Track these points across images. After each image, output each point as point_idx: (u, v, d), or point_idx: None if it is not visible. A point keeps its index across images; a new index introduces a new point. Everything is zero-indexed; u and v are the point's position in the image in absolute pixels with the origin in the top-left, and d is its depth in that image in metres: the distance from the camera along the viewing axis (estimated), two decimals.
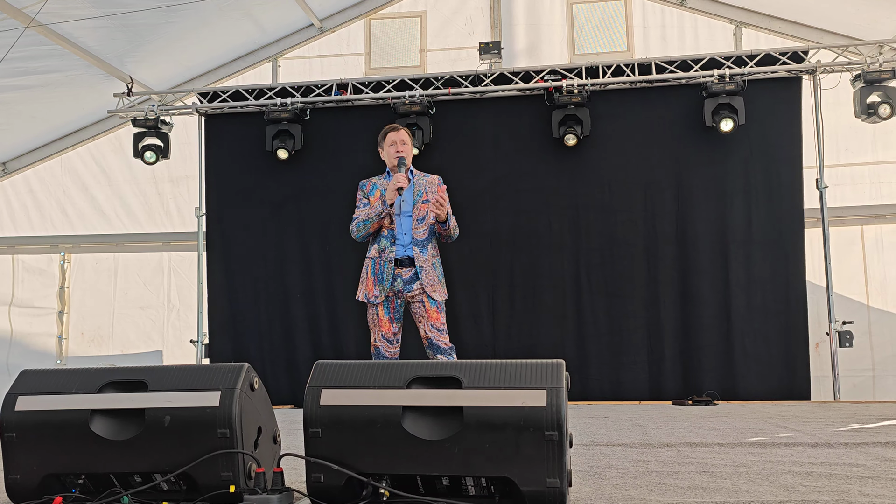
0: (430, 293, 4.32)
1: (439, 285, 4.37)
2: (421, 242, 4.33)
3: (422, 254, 4.31)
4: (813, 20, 7.55)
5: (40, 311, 8.68)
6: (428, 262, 4.35)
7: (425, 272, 4.31)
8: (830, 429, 4.15)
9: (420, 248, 4.32)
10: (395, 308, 4.32)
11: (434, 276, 4.36)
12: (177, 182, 8.53)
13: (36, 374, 2.43)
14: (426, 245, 4.35)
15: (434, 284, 4.35)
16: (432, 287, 4.33)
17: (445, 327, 4.40)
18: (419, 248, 4.31)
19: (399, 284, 4.28)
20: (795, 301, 6.73)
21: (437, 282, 4.36)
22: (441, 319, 4.36)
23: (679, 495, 2.37)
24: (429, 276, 4.33)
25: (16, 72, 7.00)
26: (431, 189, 4.40)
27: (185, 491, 2.27)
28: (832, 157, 7.28)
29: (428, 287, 4.31)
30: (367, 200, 4.44)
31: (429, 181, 4.47)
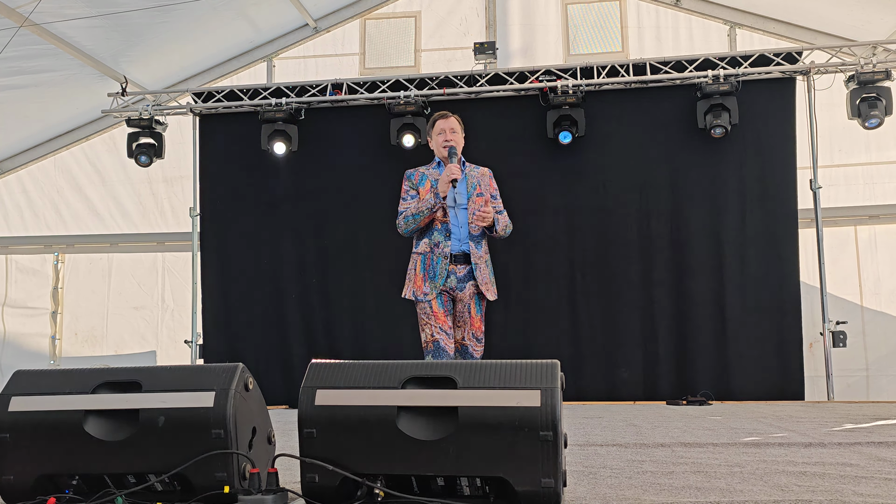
0: (484, 292, 4.20)
1: (492, 284, 4.25)
2: (476, 238, 4.19)
3: (477, 250, 4.17)
4: (807, 21, 7.58)
5: (34, 311, 8.66)
6: (482, 259, 4.22)
7: (480, 270, 4.17)
8: (824, 429, 4.17)
9: (476, 243, 4.17)
10: (447, 302, 4.17)
11: (487, 273, 4.23)
12: (171, 182, 8.52)
13: (29, 374, 2.42)
14: (481, 241, 4.21)
15: (487, 283, 4.22)
16: (486, 286, 4.20)
17: (483, 337, 4.27)
18: (475, 244, 4.17)
19: (452, 282, 4.14)
20: (789, 301, 6.75)
21: (489, 280, 4.23)
22: (482, 329, 4.25)
23: (674, 495, 2.37)
24: (483, 273, 4.20)
25: (9, 71, 6.98)
26: (484, 182, 4.27)
27: (179, 492, 2.26)
28: (826, 158, 7.31)
29: (482, 285, 4.18)
30: (416, 192, 4.23)
31: (480, 173, 4.31)
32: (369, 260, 7.36)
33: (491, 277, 4.24)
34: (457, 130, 4.27)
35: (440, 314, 4.10)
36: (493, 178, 4.29)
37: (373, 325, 7.32)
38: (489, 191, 4.22)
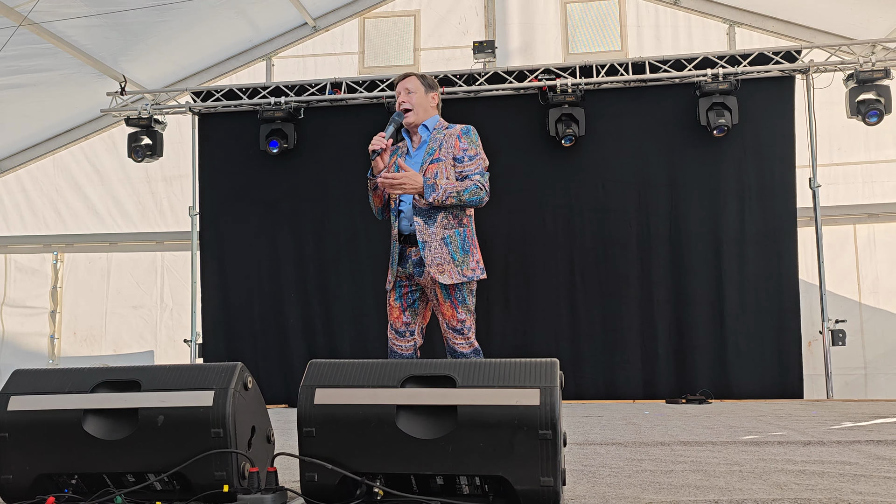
0: (435, 274, 3.49)
1: (450, 265, 3.52)
2: (426, 212, 3.53)
3: (427, 226, 3.53)
4: (806, 19, 7.58)
5: (33, 310, 8.65)
6: (435, 237, 3.53)
7: (430, 249, 3.50)
8: (823, 427, 4.17)
9: (425, 218, 3.53)
10: (406, 293, 3.61)
11: (443, 252, 3.52)
12: (170, 181, 8.52)
13: (28, 373, 2.42)
14: (435, 214, 3.54)
15: (442, 264, 3.51)
16: (438, 267, 3.49)
17: (467, 324, 3.56)
18: (423, 219, 3.53)
19: (409, 266, 3.58)
20: (788, 300, 6.75)
21: (446, 260, 3.52)
22: (457, 315, 3.54)
23: (673, 494, 2.37)
24: (434, 252, 3.51)
25: (8, 70, 6.97)
26: (448, 143, 3.62)
27: (178, 491, 2.26)
28: (825, 157, 7.31)
29: (432, 267, 3.48)
30: None
31: (447, 134, 3.65)
32: (369, 259, 7.35)
33: (455, 257, 3.53)
34: (414, 90, 3.69)
35: (395, 308, 3.61)
36: (467, 135, 3.64)
37: (372, 324, 7.32)
38: (452, 153, 3.58)
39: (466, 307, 3.57)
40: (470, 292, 3.62)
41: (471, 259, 3.60)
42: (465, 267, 3.56)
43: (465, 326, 3.57)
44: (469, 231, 3.64)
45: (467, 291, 3.60)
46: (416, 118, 3.67)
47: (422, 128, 3.69)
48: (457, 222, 3.60)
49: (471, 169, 3.60)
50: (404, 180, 3.46)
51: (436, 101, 3.78)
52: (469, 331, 3.58)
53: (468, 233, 3.63)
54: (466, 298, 3.57)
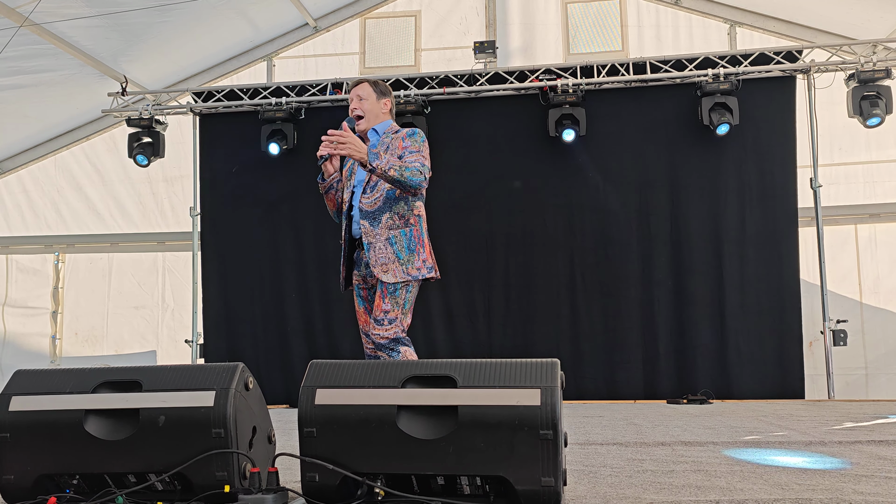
0: (378, 274, 3.47)
1: (395, 264, 3.49)
2: (371, 214, 3.54)
3: (372, 227, 3.52)
4: (807, 19, 7.58)
5: (34, 311, 8.66)
6: (380, 237, 3.51)
7: (374, 250, 3.49)
8: (824, 427, 4.17)
9: (370, 220, 3.53)
10: (367, 297, 3.63)
11: (388, 252, 3.50)
12: (171, 182, 8.52)
13: (30, 374, 2.42)
14: (379, 216, 3.53)
15: (386, 263, 3.49)
16: (383, 267, 3.47)
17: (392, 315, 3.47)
18: (368, 221, 3.53)
19: (363, 268, 3.58)
20: (789, 300, 6.75)
21: (391, 259, 3.49)
22: (383, 307, 3.48)
23: (674, 494, 2.37)
24: (379, 253, 3.50)
25: (9, 71, 6.98)
26: (394, 145, 3.57)
27: (179, 491, 2.26)
28: (826, 157, 7.30)
29: (376, 267, 3.47)
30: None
31: (395, 136, 3.61)
32: None
33: (400, 256, 3.50)
34: (366, 97, 3.65)
35: (361, 312, 3.64)
36: (412, 136, 3.59)
37: None
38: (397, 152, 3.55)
39: (395, 300, 3.46)
40: (406, 289, 3.50)
41: (416, 258, 3.52)
42: (410, 266, 3.50)
43: (387, 316, 3.46)
44: (417, 231, 3.56)
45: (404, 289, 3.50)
46: (367, 124, 3.64)
47: (371, 132, 3.67)
48: (403, 222, 3.54)
49: (412, 159, 3.50)
50: (350, 141, 3.43)
51: (388, 107, 3.72)
52: (390, 323, 3.46)
53: (415, 232, 3.55)
54: (398, 291, 3.48)
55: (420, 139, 3.58)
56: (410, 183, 3.42)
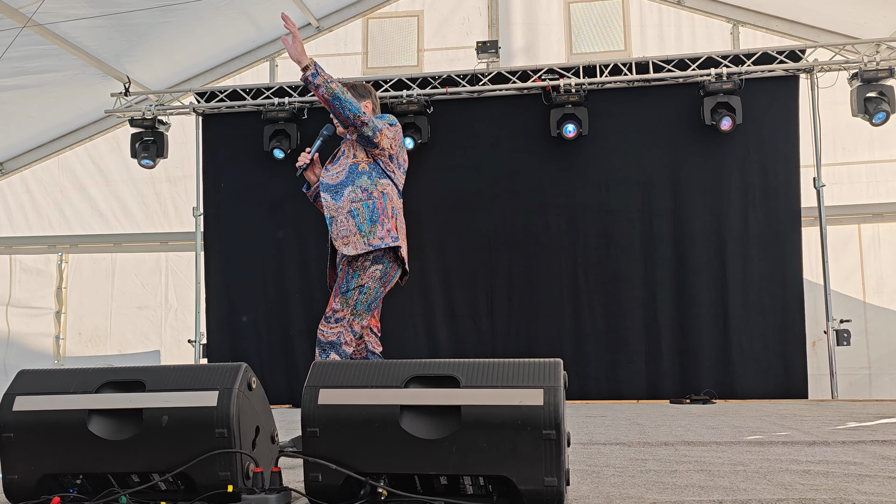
0: (339, 246, 3.39)
1: (356, 236, 3.37)
2: (333, 187, 3.47)
3: (334, 201, 3.45)
4: (810, 19, 7.56)
5: (38, 311, 8.67)
6: (342, 210, 3.42)
7: (336, 223, 3.42)
8: (828, 427, 4.16)
9: (332, 193, 3.47)
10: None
11: (350, 225, 3.39)
12: (174, 182, 8.53)
13: (33, 374, 2.43)
14: (342, 189, 3.45)
15: (347, 236, 3.38)
16: (344, 239, 3.38)
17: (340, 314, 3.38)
18: (330, 195, 3.47)
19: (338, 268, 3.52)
20: (792, 299, 6.74)
21: (352, 232, 3.37)
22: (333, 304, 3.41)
23: (677, 494, 2.37)
24: (340, 226, 3.41)
25: (13, 71, 6.99)
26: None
27: (183, 491, 2.27)
28: (829, 156, 7.29)
29: (338, 240, 3.40)
30: None
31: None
32: None
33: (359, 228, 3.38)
34: None
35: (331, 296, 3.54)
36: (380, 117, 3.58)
37: None
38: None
39: (345, 299, 3.37)
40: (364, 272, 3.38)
41: (379, 228, 3.38)
42: (373, 236, 3.36)
43: (333, 316, 3.39)
44: (381, 203, 3.43)
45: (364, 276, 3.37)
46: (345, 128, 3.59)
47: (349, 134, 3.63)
48: (366, 195, 3.43)
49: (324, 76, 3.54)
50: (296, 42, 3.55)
51: (368, 109, 3.68)
52: (336, 322, 3.38)
53: (378, 205, 3.42)
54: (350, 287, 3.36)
55: (385, 118, 3.56)
56: (345, 109, 3.37)
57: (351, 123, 3.41)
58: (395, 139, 3.55)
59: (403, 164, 3.63)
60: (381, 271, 3.44)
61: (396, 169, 3.57)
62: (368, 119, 3.42)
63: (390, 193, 3.53)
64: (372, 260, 3.41)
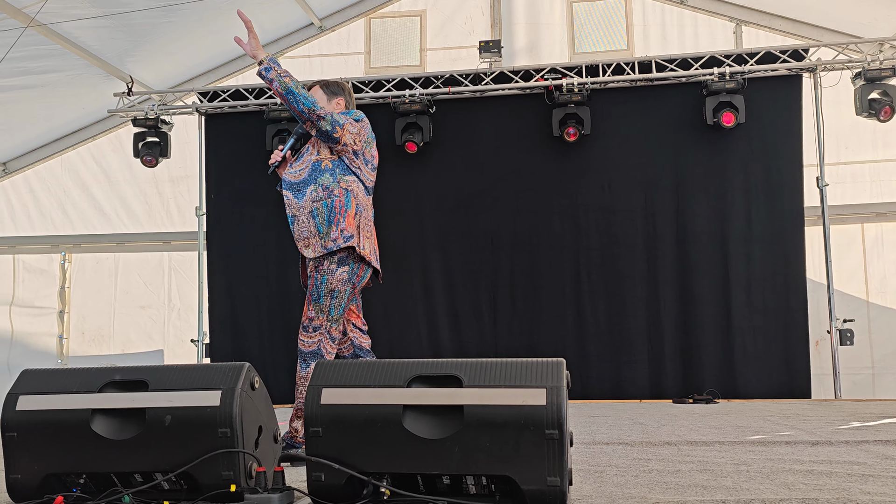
0: (302, 249, 3.35)
1: (315, 238, 3.31)
2: (296, 185, 3.41)
3: (296, 199, 3.40)
4: (813, 18, 7.55)
5: (41, 310, 8.68)
6: (304, 210, 3.36)
7: (298, 222, 3.38)
8: (831, 427, 4.16)
9: (294, 191, 3.41)
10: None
11: (310, 226, 3.34)
12: (177, 182, 8.53)
13: (37, 373, 2.43)
14: (304, 188, 3.39)
15: (308, 237, 3.34)
16: (305, 241, 3.34)
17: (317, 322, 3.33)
18: (293, 193, 3.41)
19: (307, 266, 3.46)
20: (796, 299, 6.73)
21: (312, 234, 3.33)
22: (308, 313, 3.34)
23: (680, 493, 2.37)
24: (302, 227, 3.36)
25: (16, 71, 6.99)
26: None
27: (186, 490, 2.27)
28: (832, 155, 7.28)
29: (299, 241, 3.36)
30: None
31: None
32: None
33: (318, 229, 3.32)
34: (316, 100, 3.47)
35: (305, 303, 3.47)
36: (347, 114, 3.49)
37: (378, 324, 7.32)
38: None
39: (319, 307, 3.32)
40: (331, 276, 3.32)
41: (334, 229, 3.31)
42: (328, 238, 3.30)
43: (311, 325, 3.34)
44: (340, 201, 3.35)
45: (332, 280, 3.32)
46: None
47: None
48: (326, 194, 3.36)
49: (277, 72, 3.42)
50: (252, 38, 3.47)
51: (341, 106, 3.63)
52: (314, 330, 3.35)
53: (337, 203, 3.34)
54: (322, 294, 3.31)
55: (351, 113, 3.50)
56: (302, 101, 3.28)
57: (307, 118, 3.32)
58: (359, 134, 3.45)
59: (372, 160, 3.55)
60: (349, 273, 3.38)
61: (363, 165, 3.48)
62: (325, 113, 3.33)
63: (355, 190, 3.44)
64: (337, 262, 3.35)
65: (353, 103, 3.71)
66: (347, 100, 3.67)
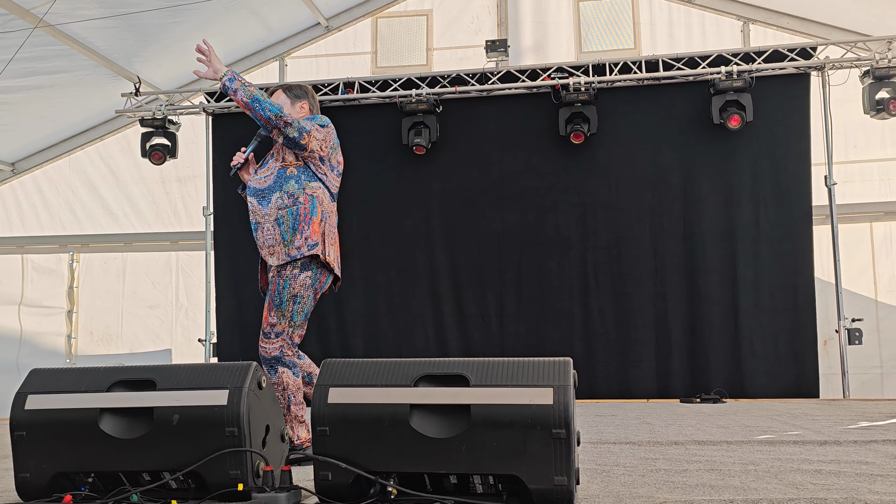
0: (266, 257, 3.31)
1: (280, 245, 3.28)
2: (261, 192, 3.38)
3: (261, 206, 3.37)
4: (821, 16, 7.52)
5: (50, 310, 8.72)
6: (269, 218, 3.33)
7: (262, 230, 3.34)
8: (839, 426, 4.14)
9: (259, 198, 3.38)
10: None
11: (276, 234, 3.31)
12: (184, 181, 8.56)
13: (45, 373, 2.44)
14: (269, 195, 3.35)
15: (273, 245, 3.30)
16: (270, 249, 3.30)
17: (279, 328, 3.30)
18: (257, 199, 3.38)
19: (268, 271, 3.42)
20: (803, 298, 6.71)
21: (277, 241, 3.29)
22: (269, 319, 3.29)
23: (687, 493, 2.36)
24: (266, 234, 3.33)
25: (24, 72, 7.02)
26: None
27: (193, 489, 2.27)
28: (841, 154, 7.25)
29: (264, 249, 3.32)
30: None
31: None
32: (381, 258, 7.37)
33: (283, 237, 3.29)
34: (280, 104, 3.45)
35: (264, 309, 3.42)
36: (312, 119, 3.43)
37: (385, 324, 7.33)
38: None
39: (281, 312, 3.29)
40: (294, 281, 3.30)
41: (298, 237, 3.30)
42: (291, 246, 3.28)
43: (273, 331, 3.31)
44: (304, 209, 3.33)
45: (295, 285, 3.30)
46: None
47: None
48: (291, 201, 3.33)
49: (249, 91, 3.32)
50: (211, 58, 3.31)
51: (305, 109, 3.59)
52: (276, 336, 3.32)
53: (302, 210, 3.32)
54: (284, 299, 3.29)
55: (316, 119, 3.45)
56: (268, 107, 3.23)
57: (273, 125, 3.28)
58: (325, 140, 3.42)
59: (338, 166, 3.53)
60: (312, 278, 3.36)
61: (329, 171, 3.46)
62: (292, 119, 3.29)
63: (321, 196, 3.42)
64: (300, 267, 3.33)
65: (318, 107, 3.68)
66: (311, 103, 3.63)
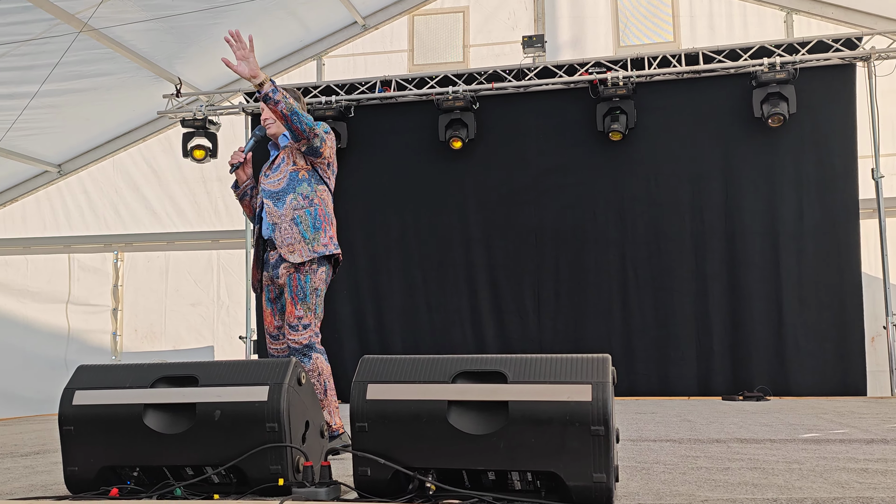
0: (285, 255, 3.39)
1: (301, 244, 3.40)
2: (275, 194, 3.46)
3: (276, 207, 3.44)
4: (867, 5, 7.34)
5: (96, 308, 8.91)
6: (285, 218, 3.43)
7: (280, 230, 3.41)
8: (887, 425, 4.05)
9: (274, 200, 3.46)
10: (274, 298, 3.57)
11: (294, 232, 3.41)
12: (225, 181, 8.65)
13: (92, 369, 2.50)
14: (284, 196, 3.45)
15: (293, 244, 3.40)
16: (289, 247, 3.39)
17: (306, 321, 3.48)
18: (273, 201, 3.45)
19: (270, 269, 3.51)
20: (850, 294, 6.57)
21: (297, 240, 3.40)
22: (296, 313, 3.43)
23: (729, 491, 2.33)
24: (285, 233, 3.41)
25: (70, 76, 7.19)
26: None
27: (235, 484, 2.31)
28: (888, 146, 7.07)
29: (283, 248, 3.39)
30: None
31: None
32: (419, 256, 7.40)
33: (303, 235, 3.41)
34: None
35: (268, 313, 3.60)
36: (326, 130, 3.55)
37: (423, 320, 7.35)
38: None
39: (307, 305, 3.47)
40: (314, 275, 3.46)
41: (322, 235, 3.48)
42: (317, 243, 3.45)
43: (300, 323, 3.49)
44: (322, 210, 3.52)
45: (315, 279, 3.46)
46: (277, 129, 3.63)
47: (282, 137, 3.65)
48: (307, 202, 3.48)
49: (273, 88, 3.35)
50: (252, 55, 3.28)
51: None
52: (304, 328, 3.51)
53: (320, 211, 3.51)
54: (308, 293, 3.45)
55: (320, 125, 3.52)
56: (305, 121, 3.34)
57: (305, 136, 3.42)
58: (332, 147, 3.63)
59: (336, 170, 3.72)
60: (327, 273, 3.57)
61: (332, 175, 3.66)
62: (320, 131, 3.47)
63: (326, 200, 3.62)
64: (318, 262, 3.51)
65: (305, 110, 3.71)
66: (302, 107, 3.68)
